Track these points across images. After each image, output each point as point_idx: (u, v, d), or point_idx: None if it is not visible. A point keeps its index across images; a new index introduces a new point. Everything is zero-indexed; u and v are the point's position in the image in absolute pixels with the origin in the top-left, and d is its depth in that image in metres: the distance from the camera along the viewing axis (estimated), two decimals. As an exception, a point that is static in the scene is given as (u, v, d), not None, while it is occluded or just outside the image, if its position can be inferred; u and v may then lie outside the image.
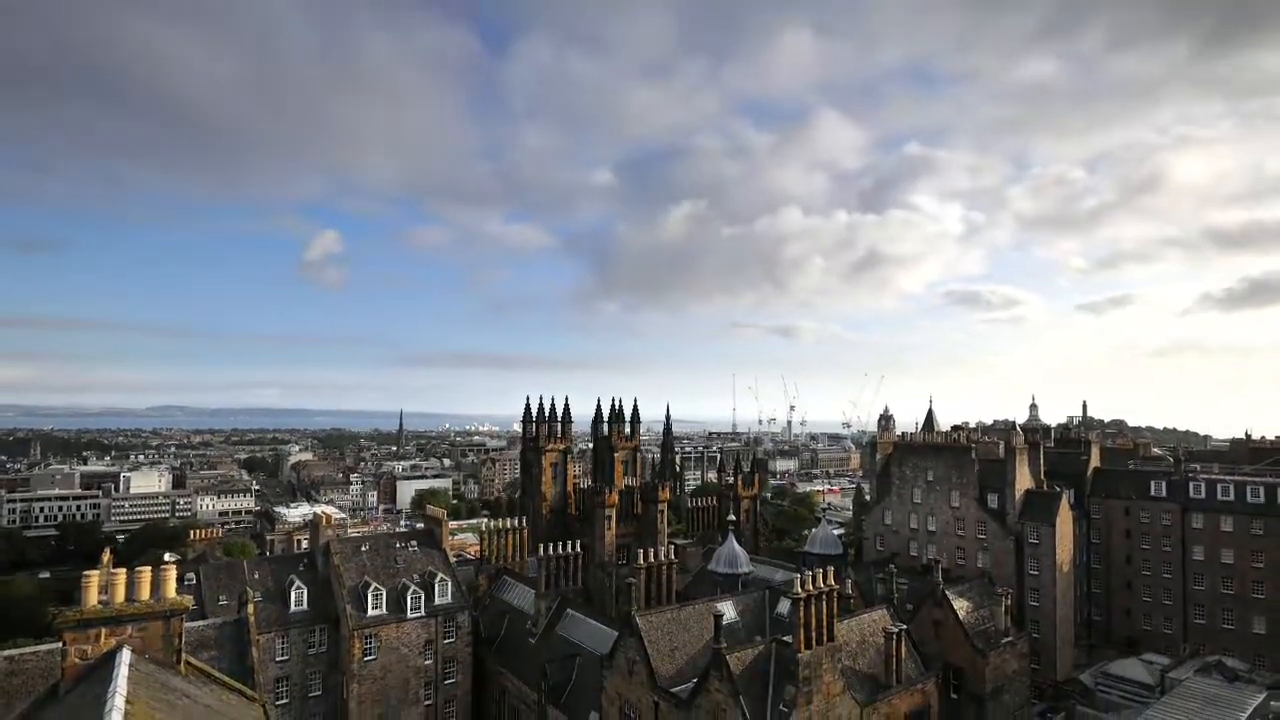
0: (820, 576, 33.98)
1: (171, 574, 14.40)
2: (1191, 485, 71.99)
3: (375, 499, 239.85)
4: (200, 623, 35.40)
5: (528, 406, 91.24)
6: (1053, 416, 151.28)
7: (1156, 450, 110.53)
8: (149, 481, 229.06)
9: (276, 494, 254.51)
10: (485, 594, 58.42)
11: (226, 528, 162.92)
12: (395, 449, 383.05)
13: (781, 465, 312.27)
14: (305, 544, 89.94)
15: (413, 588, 51.44)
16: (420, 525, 72.98)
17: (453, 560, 57.71)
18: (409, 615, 50.69)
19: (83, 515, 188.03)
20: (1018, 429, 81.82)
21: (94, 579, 13.40)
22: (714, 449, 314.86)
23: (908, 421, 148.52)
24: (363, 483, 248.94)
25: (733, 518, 78.71)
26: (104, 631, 13.22)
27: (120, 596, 13.55)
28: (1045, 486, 71.88)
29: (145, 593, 13.81)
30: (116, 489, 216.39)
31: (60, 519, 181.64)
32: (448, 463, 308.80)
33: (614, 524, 75.57)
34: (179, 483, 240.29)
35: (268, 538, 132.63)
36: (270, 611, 48.92)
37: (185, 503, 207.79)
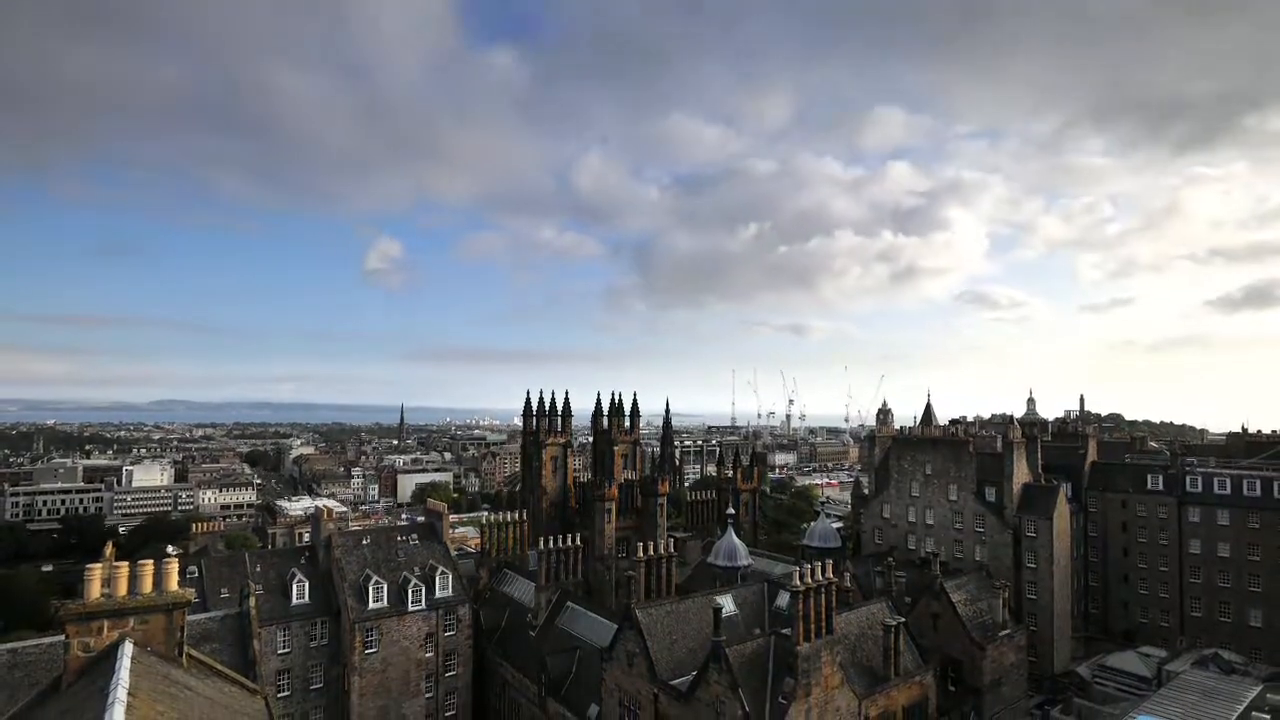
0: (819, 570, 34.17)
1: (173, 567, 14.49)
2: (1188, 479, 72.14)
3: (376, 492, 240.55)
4: (202, 615, 35.55)
5: (528, 401, 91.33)
6: (1050, 411, 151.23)
7: (1153, 444, 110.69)
8: (151, 475, 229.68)
9: (278, 488, 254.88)
10: (486, 587, 58.73)
11: (228, 521, 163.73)
12: (396, 443, 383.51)
13: (780, 459, 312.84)
14: (307, 537, 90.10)
15: (414, 581, 51.69)
16: (421, 519, 73.22)
17: (453, 553, 57.95)
18: (410, 608, 50.94)
19: (85, 509, 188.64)
20: (1015, 423, 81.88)
21: (97, 572, 13.50)
22: (713, 443, 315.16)
23: (906, 416, 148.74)
24: (364, 476, 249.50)
25: (732, 511, 78.85)
26: (106, 624, 13.30)
27: (123, 589, 13.62)
28: (1043, 480, 72.06)
29: (147, 586, 13.88)
30: (119, 483, 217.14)
31: (63, 512, 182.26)
32: (449, 456, 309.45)
33: (614, 517, 75.79)
34: (181, 476, 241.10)
35: (269, 531, 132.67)
36: (272, 604, 49.15)
37: (187, 496, 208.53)
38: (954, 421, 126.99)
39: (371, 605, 49.70)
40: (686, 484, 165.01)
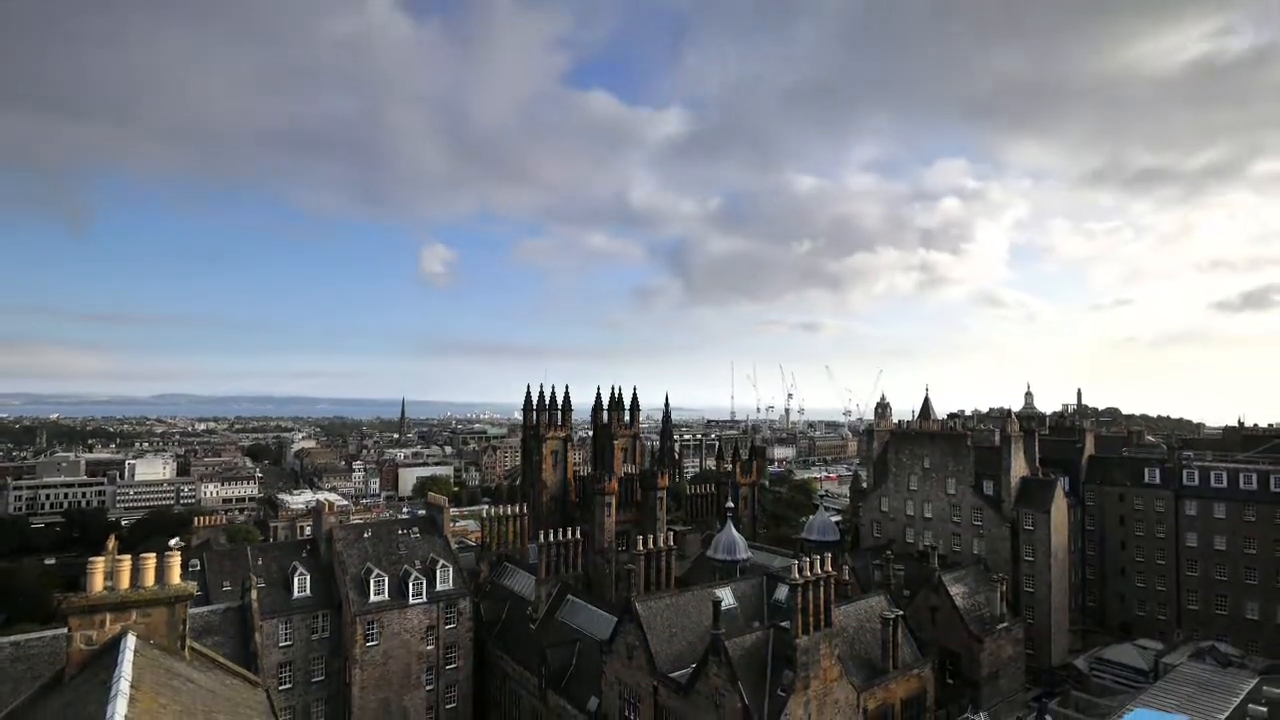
0: (818, 563, 34.38)
1: (176, 560, 14.56)
2: (1185, 472, 72.24)
3: (377, 486, 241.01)
4: (204, 608, 35.83)
5: (528, 395, 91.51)
6: (1048, 405, 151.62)
7: (1150, 438, 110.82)
8: (153, 469, 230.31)
9: (280, 481, 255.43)
10: (486, 580, 58.98)
11: (230, 515, 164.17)
12: (397, 437, 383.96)
13: (779, 453, 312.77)
14: (308, 531, 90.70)
15: (415, 574, 51.93)
16: (422, 512, 73.57)
17: (454, 547, 58.17)
18: (411, 601, 51.19)
19: (88, 502, 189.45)
20: (1013, 417, 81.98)
21: (99, 565, 13.54)
22: (712, 437, 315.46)
23: (907, 409, 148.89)
24: (365, 470, 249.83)
25: (731, 505, 79.09)
26: (109, 617, 13.36)
27: (125, 583, 13.69)
28: (1040, 474, 72.26)
29: (150, 579, 13.96)
30: (121, 476, 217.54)
31: (66, 506, 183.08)
32: (449, 450, 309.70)
33: (613, 511, 76.05)
34: (183, 470, 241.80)
35: (271, 524, 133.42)
36: (273, 597, 49.41)
37: (189, 490, 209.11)
38: (952, 415, 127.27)
39: (373, 598, 49.96)
40: (686, 478, 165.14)
